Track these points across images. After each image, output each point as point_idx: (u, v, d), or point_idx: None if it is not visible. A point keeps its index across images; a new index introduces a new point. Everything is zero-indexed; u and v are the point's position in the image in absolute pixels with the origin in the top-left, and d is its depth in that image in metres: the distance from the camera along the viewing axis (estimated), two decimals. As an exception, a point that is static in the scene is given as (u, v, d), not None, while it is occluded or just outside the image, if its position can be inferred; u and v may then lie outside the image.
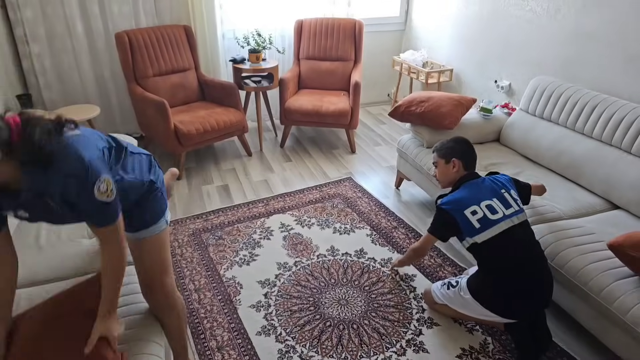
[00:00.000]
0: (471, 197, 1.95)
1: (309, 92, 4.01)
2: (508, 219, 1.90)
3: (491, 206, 1.92)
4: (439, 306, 2.15)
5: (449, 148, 2.11)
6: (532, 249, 1.92)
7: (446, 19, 4.19)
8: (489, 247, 1.90)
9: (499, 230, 1.88)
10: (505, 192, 1.99)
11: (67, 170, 1.17)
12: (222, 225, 2.86)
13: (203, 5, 3.78)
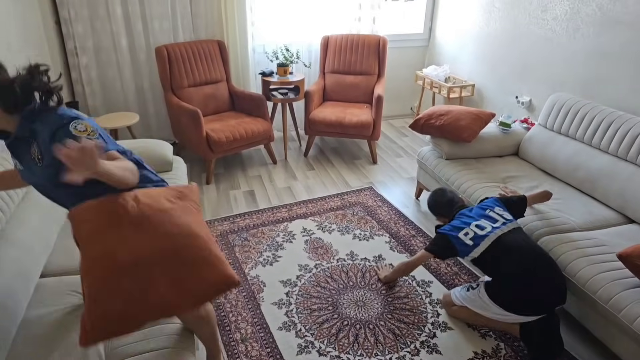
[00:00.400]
0: (462, 222, 2.18)
1: (332, 104, 4.17)
2: (497, 230, 2.10)
3: (479, 225, 2.14)
4: (456, 308, 2.25)
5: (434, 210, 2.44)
6: (528, 247, 2.05)
7: (468, 36, 4.31)
8: (487, 258, 2.07)
9: (489, 242, 2.07)
10: (489, 211, 2.20)
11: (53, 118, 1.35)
12: (248, 227, 3.02)
13: (236, 22, 4.00)
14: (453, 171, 2.91)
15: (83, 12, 3.61)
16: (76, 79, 3.81)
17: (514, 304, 2.01)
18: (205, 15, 3.97)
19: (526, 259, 2.01)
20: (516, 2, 3.68)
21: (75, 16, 3.59)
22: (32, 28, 3.12)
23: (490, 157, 3.11)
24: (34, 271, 1.80)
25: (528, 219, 2.37)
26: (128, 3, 3.69)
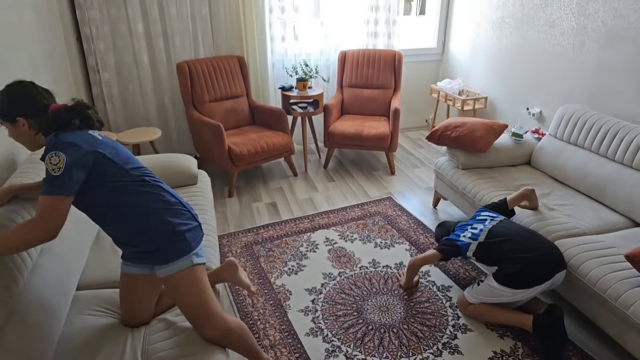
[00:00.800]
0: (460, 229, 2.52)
1: (351, 118, 4.30)
2: (487, 225, 2.43)
3: (474, 226, 2.47)
4: (471, 307, 2.36)
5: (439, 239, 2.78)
6: (518, 228, 2.37)
7: (480, 51, 4.44)
8: (483, 248, 2.35)
9: (484, 235, 2.38)
10: (478, 216, 2.55)
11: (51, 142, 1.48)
12: (272, 238, 3.13)
13: (256, 38, 4.15)
14: (469, 180, 3.02)
15: (105, 29, 3.75)
16: (97, 95, 3.94)
17: (519, 278, 2.19)
18: (226, 32, 4.11)
19: (519, 234, 2.30)
20: (525, 18, 3.81)
21: (97, 33, 3.72)
22: (55, 44, 3.26)
23: (504, 167, 3.22)
24: (72, 284, 1.84)
25: (541, 224, 2.48)
26: (150, 21, 3.84)
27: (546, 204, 2.70)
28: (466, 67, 4.70)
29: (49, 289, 1.66)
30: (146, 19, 3.85)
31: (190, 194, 2.73)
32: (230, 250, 3.00)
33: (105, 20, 3.73)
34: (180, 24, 3.93)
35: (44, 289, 1.64)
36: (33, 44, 2.84)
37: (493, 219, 2.47)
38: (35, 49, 2.85)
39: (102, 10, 3.69)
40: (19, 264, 1.56)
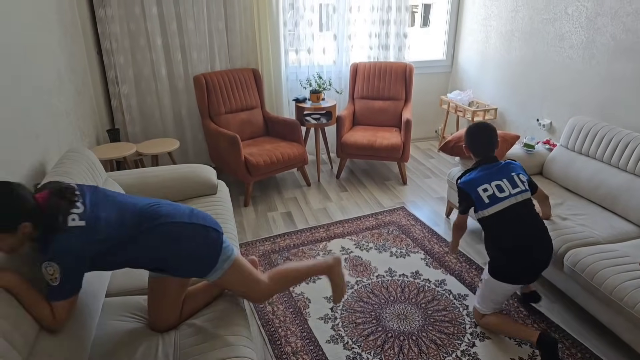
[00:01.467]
0: (483, 177, 2.29)
1: (363, 128, 4.38)
2: (513, 197, 2.24)
3: (500, 186, 2.25)
4: (485, 321, 2.40)
5: (465, 137, 2.46)
6: (532, 223, 2.27)
7: (490, 62, 4.52)
8: (495, 220, 2.26)
9: (504, 206, 2.23)
10: (515, 175, 2.30)
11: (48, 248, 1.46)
12: (289, 247, 3.20)
13: (270, 52, 4.25)
14: (482, 191, 3.08)
15: (125, 43, 3.86)
16: (116, 107, 4.04)
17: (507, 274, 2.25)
18: (241, 45, 4.21)
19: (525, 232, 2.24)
20: (535, 31, 3.89)
21: (117, 47, 3.83)
22: (77, 58, 3.37)
23: (516, 177, 3.28)
24: (101, 291, 1.90)
25: (556, 233, 2.53)
26: (168, 34, 3.95)
27: (559, 214, 2.76)
28: (476, 79, 4.79)
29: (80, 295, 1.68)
30: (165, 33, 3.95)
31: (210, 204, 2.79)
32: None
33: (125, 34, 3.83)
34: (198, 37, 4.03)
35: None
36: (59, 58, 2.94)
37: (522, 192, 2.26)
38: (60, 63, 2.96)
39: (122, 24, 3.80)
40: None
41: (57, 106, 2.80)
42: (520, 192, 2.27)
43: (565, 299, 2.62)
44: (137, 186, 2.76)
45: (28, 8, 2.50)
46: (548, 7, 3.72)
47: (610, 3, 3.18)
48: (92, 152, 2.59)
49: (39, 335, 1.44)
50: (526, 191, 2.29)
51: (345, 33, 4.54)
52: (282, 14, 4.22)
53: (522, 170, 2.37)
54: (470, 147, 2.42)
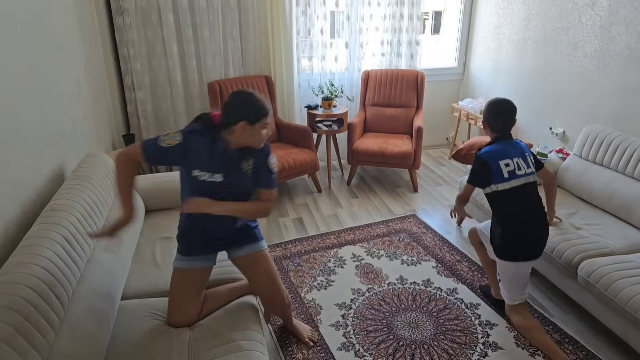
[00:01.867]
0: (505, 152, 2.33)
1: (374, 135, 4.40)
2: (527, 176, 2.33)
3: (518, 163, 2.32)
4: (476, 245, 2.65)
5: (485, 112, 2.45)
6: (537, 205, 2.36)
7: (502, 71, 4.52)
8: (505, 196, 2.31)
9: (519, 183, 2.30)
10: (527, 155, 2.38)
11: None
12: (300, 253, 3.21)
13: (283, 59, 4.29)
14: (494, 200, 3.08)
15: (141, 50, 3.92)
16: (132, 112, 4.09)
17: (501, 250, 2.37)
18: (254, 52, 4.26)
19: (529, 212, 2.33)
20: (548, 40, 3.89)
21: (134, 54, 3.89)
22: (95, 64, 3.43)
23: (529, 186, 3.28)
24: (117, 293, 1.93)
25: (569, 244, 2.52)
26: (184, 42, 4.00)
27: (573, 223, 2.76)
28: (488, 87, 4.79)
29: (97, 298, 1.75)
30: (180, 40, 4.01)
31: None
32: None
33: (142, 41, 3.90)
34: (212, 44, 4.09)
35: (92, 297, 1.73)
36: (78, 65, 3.00)
37: (533, 173, 2.34)
38: (80, 70, 3.01)
39: (139, 32, 3.86)
40: (69, 275, 1.65)
41: (76, 111, 2.85)
42: (532, 173, 2.36)
43: (579, 310, 2.60)
44: (151, 191, 2.81)
45: (52, 17, 2.56)
46: (561, 16, 3.73)
47: (625, 12, 3.18)
48: (109, 156, 2.63)
49: (56, 338, 1.47)
50: (534, 173, 2.38)
51: (357, 41, 4.57)
52: (295, 22, 4.26)
53: (529, 151, 2.43)
54: (489, 122, 2.42)
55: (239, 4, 4.07)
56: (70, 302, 1.63)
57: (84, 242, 1.85)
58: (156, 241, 2.46)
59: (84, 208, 1.96)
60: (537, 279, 2.90)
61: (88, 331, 1.59)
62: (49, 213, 1.81)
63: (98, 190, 2.20)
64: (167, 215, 2.75)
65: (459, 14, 4.99)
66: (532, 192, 2.35)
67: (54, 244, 1.63)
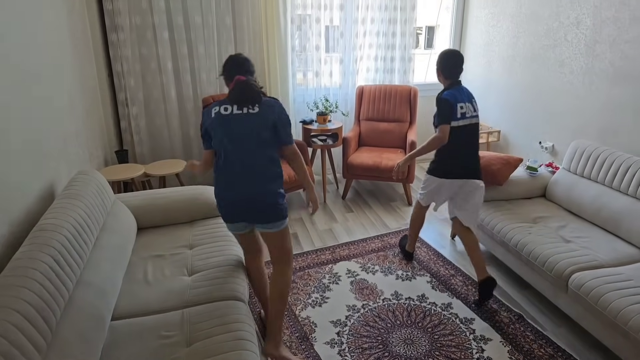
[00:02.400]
0: (459, 96, 2.79)
1: (368, 150, 4.42)
2: (471, 118, 2.82)
3: (467, 106, 2.80)
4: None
5: (437, 62, 2.91)
6: (473, 142, 2.87)
7: (492, 86, 4.59)
8: (457, 132, 2.77)
9: (466, 123, 2.78)
10: (473, 100, 2.86)
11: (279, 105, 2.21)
12: (294, 270, 3.17)
13: (278, 75, 4.33)
14: (487, 213, 3.10)
15: (136, 66, 3.94)
16: (125, 128, 4.09)
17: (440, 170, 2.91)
18: (249, 69, 4.30)
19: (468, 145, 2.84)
20: (536, 57, 3.96)
21: (128, 70, 3.91)
22: (88, 80, 3.44)
23: (520, 199, 3.31)
24: (107, 314, 1.89)
25: (560, 257, 2.54)
26: (179, 58, 4.03)
27: (563, 236, 2.79)
28: (479, 102, 4.77)
29: (86, 320, 1.72)
30: (175, 57, 4.04)
31: (217, 226, 2.80)
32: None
33: (136, 58, 3.92)
34: (207, 60, 4.12)
35: (81, 320, 1.70)
36: (71, 81, 3.01)
37: (477, 116, 2.86)
38: (72, 86, 3.02)
39: (134, 48, 3.89)
40: (57, 297, 1.62)
41: (68, 127, 2.85)
42: (476, 116, 2.86)
43: (570, 323, 2.61)
44: (144, 208, 2.79)
45: (43, 32, 2.57)
46: (548, 34, 3.79)
47: (608, 31, 3.25)
48: (101, 174, 2.63)
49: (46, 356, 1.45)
50: (477, 116, 2.87)
51: (351, 57, 4.62)
52: (289, 39, 4.31)
53: (473, 97, 2.90)
54: (443, 71, 2.86)
55: (234, 21, 4.12)
56: (59, 325, 1.60)
57: (73, 262, 1.83)
58: (148, 260, 2.44)
59: (74, 227, 1.94)
60: (529, 293, 2.91)
61: (76, 355, 1.56)
62: (37, 233, 1.79)
63: (89, 209, 2.18)
64: (159, 232, 2.74)
65: (450, 31, 5.06)
66: (473, 131, 2.84)
67: (43, 266, 1.62)
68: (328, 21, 4.52)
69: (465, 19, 4.93)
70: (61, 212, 1.99)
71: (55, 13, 2.80)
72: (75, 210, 2.06)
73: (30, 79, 2.30)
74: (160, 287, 2.19)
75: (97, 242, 2.19)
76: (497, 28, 4.42)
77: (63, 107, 2.79)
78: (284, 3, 4.19)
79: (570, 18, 3.56)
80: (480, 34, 4.69)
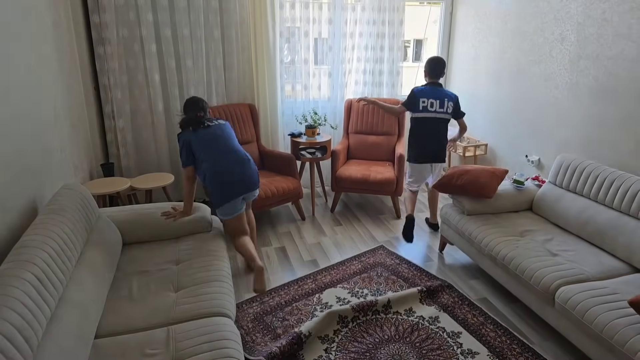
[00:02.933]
0: (427, 93, 3.59)
1: (357, 163, 4.44)
2: (436, 114, 3.59)
3: (433, 103, 3.57)
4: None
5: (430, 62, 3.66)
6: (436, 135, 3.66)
7: (480, 100, 4.64)
8: (417, 122, 3.67)
9: (428, 116, 3.60)
10: (446, 100, 3.58)
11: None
12: (280, 305, 2.95)
13: (267, 88, 4.35)
14: (475, 226, 3.12)
15: (122, 79, 3.92)
16: (111, 141, 4.06)
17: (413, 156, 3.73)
18: (238, 81, 4.29)
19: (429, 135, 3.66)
20: (521, 71, 4.03)
21: (115, 83, 3.88)
22: (73, 93, 3.41)
23: (507, 212, 3.34)
24: (90, 333, 1.86)
25: (547, 270, 2.55)
26: (166, 71, 4.03)
27: (549, 250, 2.81)
28: (466, 115, 4.86)
29: (69, 339, 1.69)
30: (163, 70, 4.03)
31: (204, 241, 2.78)
32: (241, 326, 2.73)
33: (123, 70, 3.91)
34: (196, 74, 4.11)
35: (63, 338, 1.67)
36: (56, 95, 2.97)
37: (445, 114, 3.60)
38: (57, 99, 2.98)
39: (120, 61, 3.88)
40: (39, 316, 1.58)
41: (52, 142, 2.81)
42: (442, 113, 3.58)
43: (557, 336, 2.62)
44: (130, 222, 2.76)
45: (27, 45, 2.54)
46: (534, 50, 3.86)
47: (592, 48, 3.31)
48: (85, 188, 2.59)
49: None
50: (447, 114, 3.60)
51: (339, 71, 4.66)
52: (278, 52, 4.33)
53: (454, 101, 3.63)
54: (426, 71, 3.67)
55: (223, 34, 4.13)
56: (40, 344, 1.57)
57: (56, 280, 1.80)
58: (133, 276, 2.40)
59: (57, 243, 1.91)
60: (517, 306, 2.92)
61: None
62: (19, 250, 1.76)
63: (73, 224, 2.15)
64: (145, 248, 2.70)
65: (438, 44, 5.12)
66: (435, 124, 3.60)
67: (25, 284, 1.59)
68: (317, 34, 4.56)
69: (452, 34, 5.00)
70: (44, 228, 1.96)
71: (40, 26, 2.78)
72: (59, 226, 2.03)
73: (12, 92, 2.26)
74: (146, 304, 2.16)
75: (81, 258, 2.15)
76: (484, 43, 4.48)
77: (47, 120, 2.76)
78: (273, 16, 4.22)
79: (554, 34, 3.63)
80: (467, 48, 4.76)
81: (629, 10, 3.01)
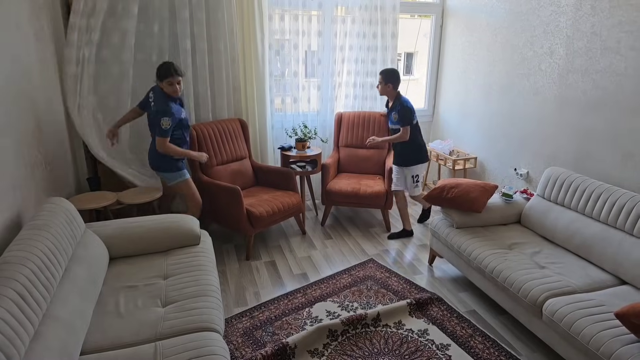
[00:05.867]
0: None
1: (347, 176, 4.45)
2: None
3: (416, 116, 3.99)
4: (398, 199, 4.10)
5: (388, 77, 3.92)
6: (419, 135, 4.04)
7: (470, 114, 4.69)
8: (415, 127, 3.94)
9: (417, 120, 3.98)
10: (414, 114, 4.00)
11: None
12: (270, 320, 2.92)
13: (255, 101, 4.34)
14: (464, 239, 3.13)
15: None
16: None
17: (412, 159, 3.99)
18: (227, 95, 4.21)
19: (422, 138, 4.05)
20: (511, 85, 4.07)
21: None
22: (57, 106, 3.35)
23: (496, 225, 3.35)
24: (75, 350, 1.84)
25: (535, 283, 2.57)
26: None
27: (537, 262, 2.82)
28: (456, 129, 4.93)
29: (53, 356, 1.67)
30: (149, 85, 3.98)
31: (193, 255, 2.76)
32: (230, 342, 2.70)
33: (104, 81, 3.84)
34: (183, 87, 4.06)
35: (47, 356, 1.64)
36: (39, 106, 2.95)
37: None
38: (40, 112, 2.96)
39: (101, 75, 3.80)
40: (22, 333, 1.57)
41: (36, 156, 2.79)
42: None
43: (545, 348, 2.62)
44: (117, 237, 2.74)
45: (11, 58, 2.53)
46: (523, 63, 3.91)
47: (580, 61, 3.36)
48: (70, 203, 2.57)
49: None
50: None
51: (329, 84, 4.68)
52: (267, 65, 4.33)
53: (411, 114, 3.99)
54: (394, 84, 3.93)
55: (211, 46, 4.04)
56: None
57: (39, 296, 1.78)
58: (120, 291, 2.38)
59: (40, 260, 1.90)
60: (505, 318, 2.93)
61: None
62: (2, 266, 1.75)
63: (57, 240, 2.13)
64: (132, 262, 2.68)
65: (428, 58, 5.18)
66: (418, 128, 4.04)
67: (6, 301, 1.58)
68: (307, 46, 4.57)
69: (442, 47, 5.06)
70: (27, 243, 1.94)
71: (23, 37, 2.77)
72: (42, 242, 2.01)
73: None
74: (133, 319, 2.14)
75: (65, 274, 2.14)
76: (474, 56, 4.54)
77: (29, 134, 2.73)
78: (262, 29, 4.20)
79: (544, 48, 3.68)
80: (457, 61, 4.82)
81: (617, 24, 3.06)
